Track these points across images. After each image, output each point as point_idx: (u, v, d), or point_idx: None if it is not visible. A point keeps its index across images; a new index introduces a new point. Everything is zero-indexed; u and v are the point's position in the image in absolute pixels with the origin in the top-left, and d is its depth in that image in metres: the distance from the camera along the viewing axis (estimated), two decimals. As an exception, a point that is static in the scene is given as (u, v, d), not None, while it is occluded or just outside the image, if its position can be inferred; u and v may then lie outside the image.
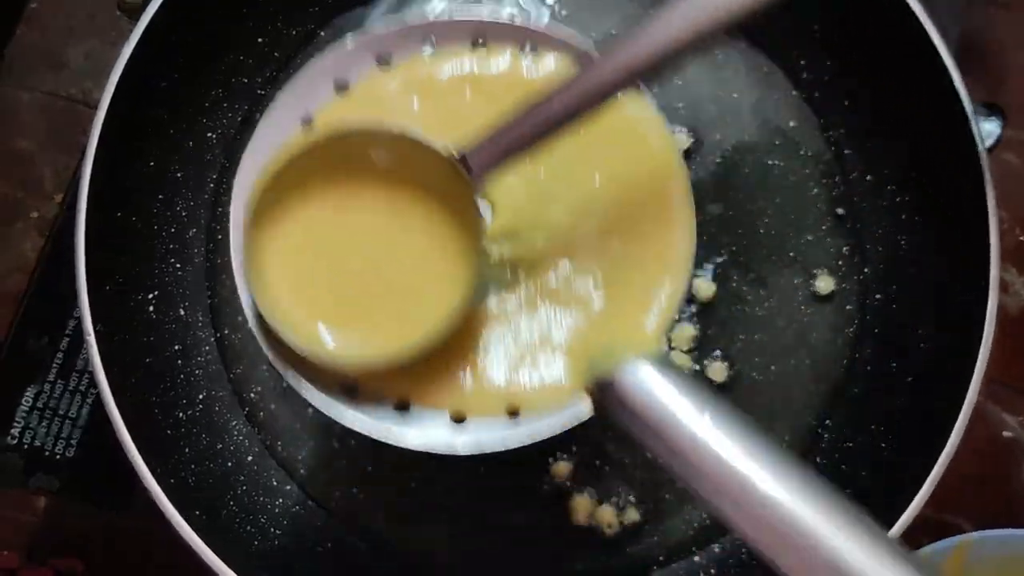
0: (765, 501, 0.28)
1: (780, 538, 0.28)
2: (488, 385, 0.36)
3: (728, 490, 0.29)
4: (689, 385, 0.32)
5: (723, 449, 0.29)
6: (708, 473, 0.29)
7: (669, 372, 0.32)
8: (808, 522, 0.28)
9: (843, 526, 0.27)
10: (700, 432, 0.30)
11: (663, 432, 0.31)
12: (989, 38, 0.62)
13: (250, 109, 0.54)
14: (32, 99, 0.62)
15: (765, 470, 0.29)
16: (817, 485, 0.29)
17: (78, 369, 0.53)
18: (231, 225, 0.39)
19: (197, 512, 0.44)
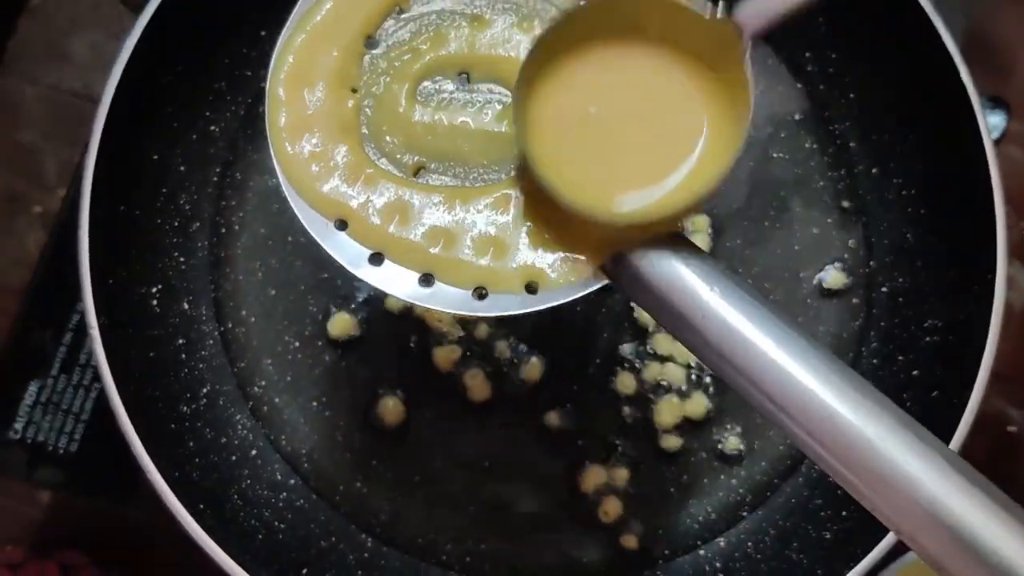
0: (770, 367, 0.30)
1: (785, 399, 0.30)
2: (510, 261, 0.36)
3: (734, 358, 0.31)
4: (701, 262, 0.32)
5: (730, 318, 0.31)
6: (714, 342, 0.31)
7: (682, 249, 0.33)
8: (809, 384, 0.30)
9: (841, 387, 0.30)
10: (710, 305, 0.31)
11: (673, 306, 0.32)
12: (995, 31, 0.62)
13: (253, 102, 0.54)
14: (35, 92, 0.62)
15: (770, 338, 0.30)
16: (817, 349, 0.31)
17: (81, 363, 0.53)
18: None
19: (201, 506, 0.44)
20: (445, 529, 0.51)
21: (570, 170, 0.34)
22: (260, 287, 0.53)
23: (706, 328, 0.31)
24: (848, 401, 0.29)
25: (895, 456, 0.28)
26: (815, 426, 0.29)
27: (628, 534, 0.51)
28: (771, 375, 0.30)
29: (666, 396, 0.52)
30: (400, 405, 0.52)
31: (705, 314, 0.31)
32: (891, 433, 0.29)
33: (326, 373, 0.52)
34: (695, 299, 0.32)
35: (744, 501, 0.52)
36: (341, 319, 0.52)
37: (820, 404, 0.29)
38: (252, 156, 0.54)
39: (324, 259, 0.52)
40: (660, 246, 0.33)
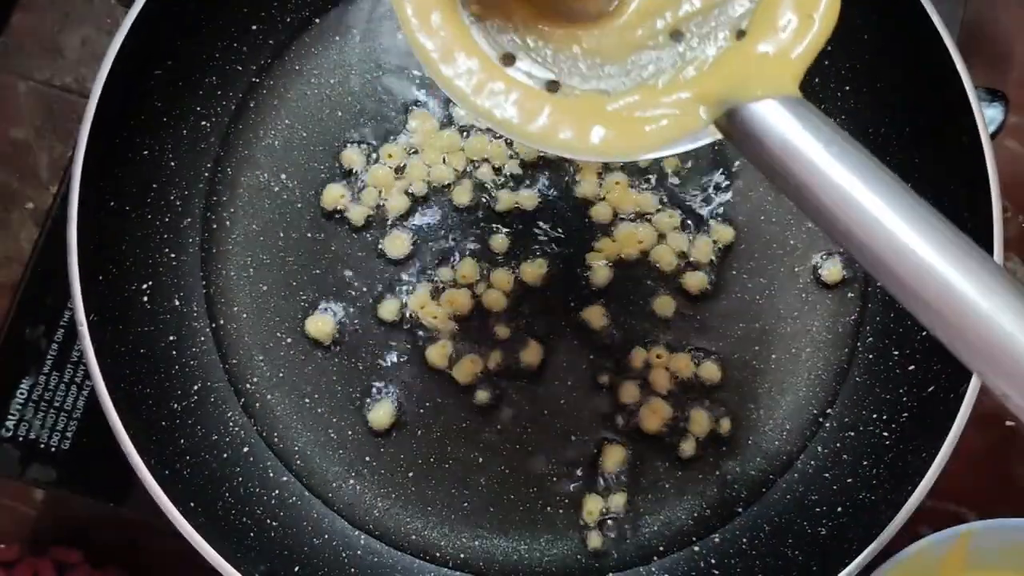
0: (880, 230, 0.29)
1: (897, 267, 0.29)
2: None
3: (849, 225, 0.30)
4: (816, 123, 0.31)
5: (845, 183, 0.30)
6: (830, 207, 0.30)
7: (800, 111, 0.32)
8: (923, 253, 0.28)
9: (957, 256, 0.28)
10: (823, 168, 0.30)
11: (786, 168, 0.31)
12: (992, 23, 0.61)
13: (244, 97, 0.54)
14: (28, 87, 0.62)
15: (884, 202, 0.29)
16: (932, 215, 0.30)
17: (73, 360, 0.53)
18: None
19: (192, 504, 0.44)
20: (439, 526, 0.51)
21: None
22: (252, 283, 0.52)
23: (823, 196, 0.30)
24: (984, 291, 0.28)
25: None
26: (944, 308, 0.28)
27: (623, 530, 0.51)
28: (893, 253, 0.29)
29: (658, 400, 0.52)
30: (393, 402, 0.51)
31: (822, 181, 0.30)
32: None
33: (319, 370, 0.52)
34: (810, 165, 0.30)
35: (739, 497, 0.51)
36: (320, 320, 0.52)
37: (948, 288, 0.28)
38: (243, 151, 0.53)
39: (316, 253, 0.52)
40: (776, 102, 0.32)
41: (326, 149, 0.53)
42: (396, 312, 0.52)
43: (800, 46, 0.34)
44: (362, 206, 0.53)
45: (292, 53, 0.54)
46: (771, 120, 0.31)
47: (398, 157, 0.53)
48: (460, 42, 0.34)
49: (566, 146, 0.34)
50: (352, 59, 0.54)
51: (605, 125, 0.34)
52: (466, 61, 0.34)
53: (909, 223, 0.29)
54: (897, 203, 0.29)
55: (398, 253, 0.52)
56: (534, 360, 0.52)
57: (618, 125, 0.34)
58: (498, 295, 0.52)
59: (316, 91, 0.54)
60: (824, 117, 0.31)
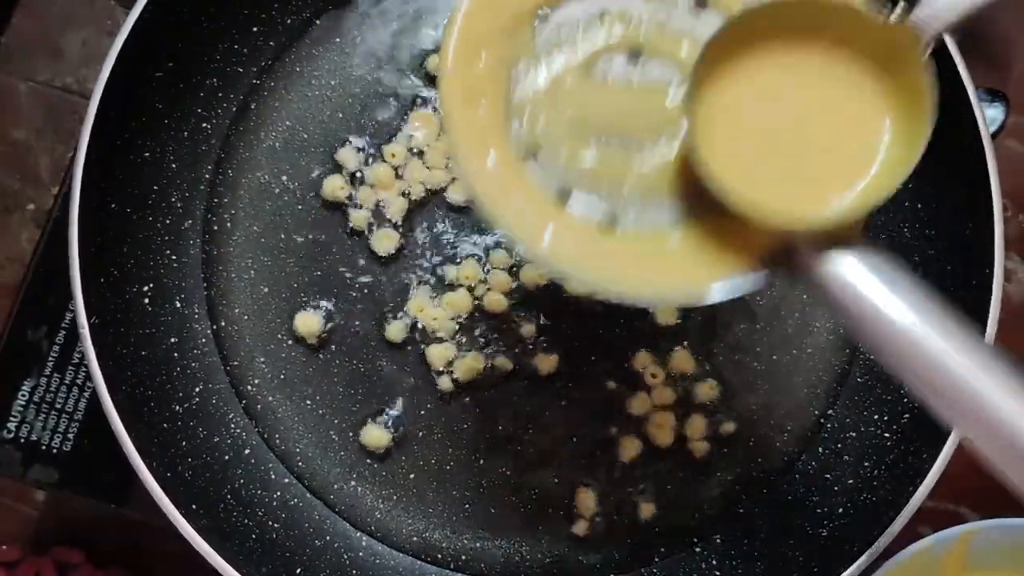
0: (960, 382, 0.30)
1: (982, 427, 0.30)
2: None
3: (940, 386, 0.30)
4: (890, 277, 0.32)
5: (932, 343, 0.31)
6: (920, 369, 0.31)
7: (864, 255, 0.32)
8: (1001, 405, 0.29)
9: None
10: (903, 326, 0.31)
11: (853, 313, 0.32)
12: (992, 23, 0.61)
13: (245, 99, 0.54)
14: (29, 88, 0.61)
15: (978, 368, 0.30)
16: (1006, 366, 0.30)
17: (74, 362, 0.53)
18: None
19: (194, 506, 0.44)
20: (440, 527, 0.51)
21: (744, 174, 0.34)
22: (253, 285, 0.52)
23: (896, 345, 0.31)
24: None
25: None
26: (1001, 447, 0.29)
27: (624, 531, 0.51)
28: (987, 427, 0.30)
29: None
30: (394, 403, 0.51)
31: (893, 335, 0.31)
32: None
33: (320, 372, 0.52)
34: (880, 316, 0.31)
35: (740, 498, 0.51)
36: (309, 319, 0.52)
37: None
38: (245, 153, 0.53)
39: (317, 256, 0.52)
40: (840, 247, 0.32)
41: (327, 151, 0.53)
42: (397, 314, 0.52)
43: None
44: (363, 210, 0.53)
45: (293, 55, 0.54)
46: (835, 266, 0.32)
47: (400, 157, 0.53)
48: (515, 183, 0.35)
49: (627, 295, 0.35)
50: (353, 60, 0.54)
51: (666, 271, 0.35)
52: (522, 204, 0.35)
53: (1000, 388, 0.30)
54: (983, 365, 0.30)
55: (385, 250, 0.52)
56: (535, 362, 0.52)
57: (679, 269, 0.35)
58: (498, 297, 0.52)
59: (317, 93, 0.54)
60: (890, 258, 0.32)
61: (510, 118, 0.35)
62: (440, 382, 0.51)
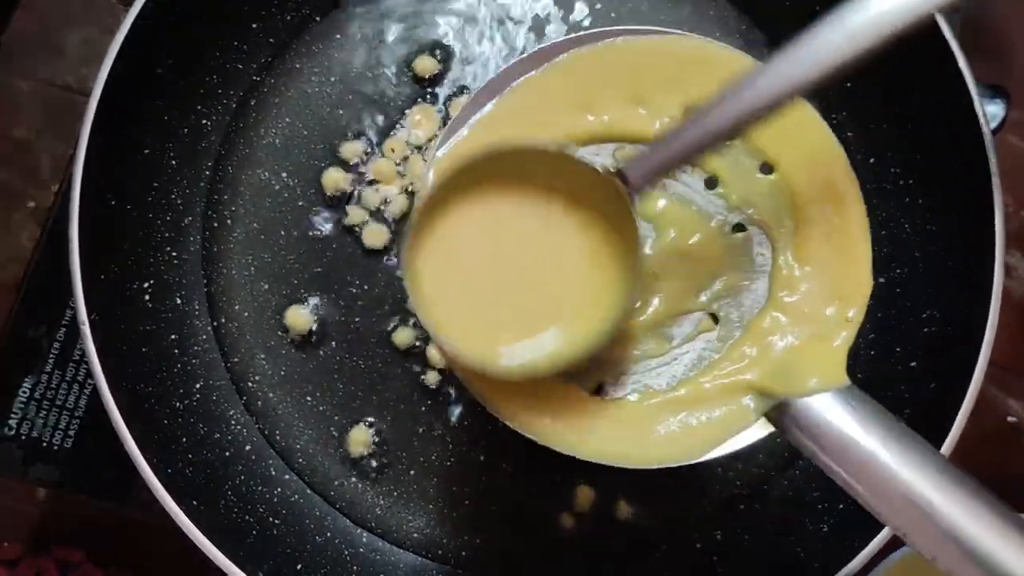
0: (957, 534, 0.29)
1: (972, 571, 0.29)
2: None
3: (922, 528, 0.30)
4: (873, 419, 0.32)
5: (913, 483, 0.30)
6: (899, 508, 0.30)
7: (852, 403, 0.32)
8: (1007, 561, 0.29)
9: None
10: (884, 466, 0.31)
11: (846, 464, 0.31)
12: (993, 19, 0.61)
13: (245, 96, 0.54)
14: (29, 87, 0.61)
15: (956, 504, 0.30)
16: (1007, 519, 0.30)
17: (75, 359, 0.53)
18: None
19: (195, 502, 0.44)
20: (441, 524, 0.51)
21: (456, 318, 0.34)
22: (253, 281, 0.52)
23: (885, 495, 0.31)
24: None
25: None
26: None
27: (625, 527, 0.51)
28: (965, 554, 0.29)
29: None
30: (394, 399, 0.51)
31: (884, 481, 0.31)
32: None
33: (320, 368, 0.52)
34: (871, 463, 0.31)
35: (741, 494, 0.51)
36: (298, 313, 0.52)
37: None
38: (245, 150, 0.53)
39: (318, 253, 0.52)
40: (829, 395, 0.32)
41: (327, 147, 0.53)
42: (397, 309, 0.52)
43: (842, 333, 0.35)
44: (360, 207, 0.53)
45: (293, 52, 0.54)
46: (827, 414, 0.32)
47: (400, 152, 0.53)
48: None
49: (616, 462, 0.36)
50: (353, 57, 0.54)
51: (653, 440, 0.36)
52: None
53: (982, 526, 0.29)
54: (967, 502, 0.30)
55: (372, 244, 0.52)
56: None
57: (671, 441, 0.36)
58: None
59: (317, 90, 0.54)
60: (879, 407, 0.32)
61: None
62: (441, 377, 0.52)
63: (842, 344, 0.35)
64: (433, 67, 0.54)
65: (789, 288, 0.36)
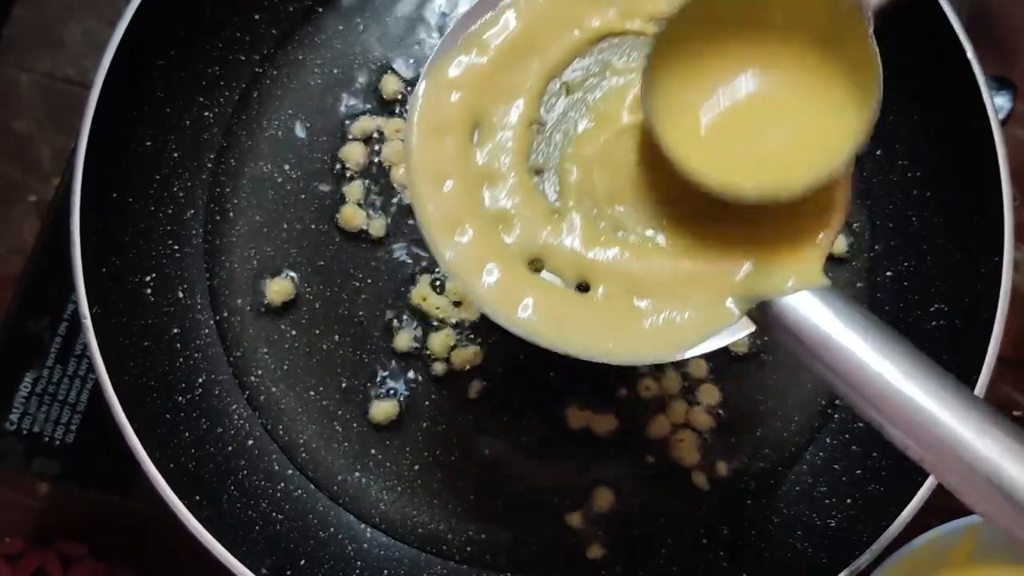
0: (927, 421, 0.30)
1: (940, 455, 0.30)
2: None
3: (894, 415, 0.31)
4: (850, 313, 0.32)
5: (886, 374, 0.31)
6: (873, 397, 0.31)
7: (831, 301, 0.33)
8: (970, 442, 0.29)
9: (1004, 448, 0.29)
10: (863, 360, 0.31)
11: (825, 359, 0.32)
12: (1000, 12, 0.61)
13: (247, 87, 0.53)
14: (30, 79, 0.61)
15: (929, 395, 0.30)
16: (976, 404, 0.30)
17: (77, 354, 0.53)
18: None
19: (197, 497, 0.44)
20: (445, 518, 0.51)
21: (700, 149, 0.34)
22: (256, 275, 0.52)
23: (863, 387, 0.31)
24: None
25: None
26: (980, 494, 0.30)
27: (631, 522, 0.51)
28: (934, 439, 0.30)
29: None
30: (397, 394, 0.51)
31: (863, 374, 0.31)
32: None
33: (323, 362, 0.52)
34: (848, 356, 0.31)
35: (748, 489, 0.51)
36: (279, 284, 0.52)
37: (989, 473, 0.29)
38: (247, 142, 0.53)
39: (321, 245, 0.52)
40: (808, 293, 0.33)
41: (330, 139, 0.53)
42: (399, 303, 0.52)
43: (820, 234, 0.35)
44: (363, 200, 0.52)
45: (295, 43, 0.54)
46: (804, 312, 0.33)
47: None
48: (489, 255, 0.36)
49: (604, 357, 0.35)
50: (355, 48, 0.54)
51: (639, 336, 0.35)
52: (493, 270, 0.36)
53: (949, 411, 0.30)
54: (937, 391, 0.30)
55: (380, 235, 0.52)
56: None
57: (652, 333, 0.35)
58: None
59: (319, 81, 0.54)
60: (856, 305, 0.32)
61: (479, 192, 0.36)
62: (443, 371, 0.51)
63: (820, 246, 0.35)
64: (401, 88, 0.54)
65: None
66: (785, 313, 0.33)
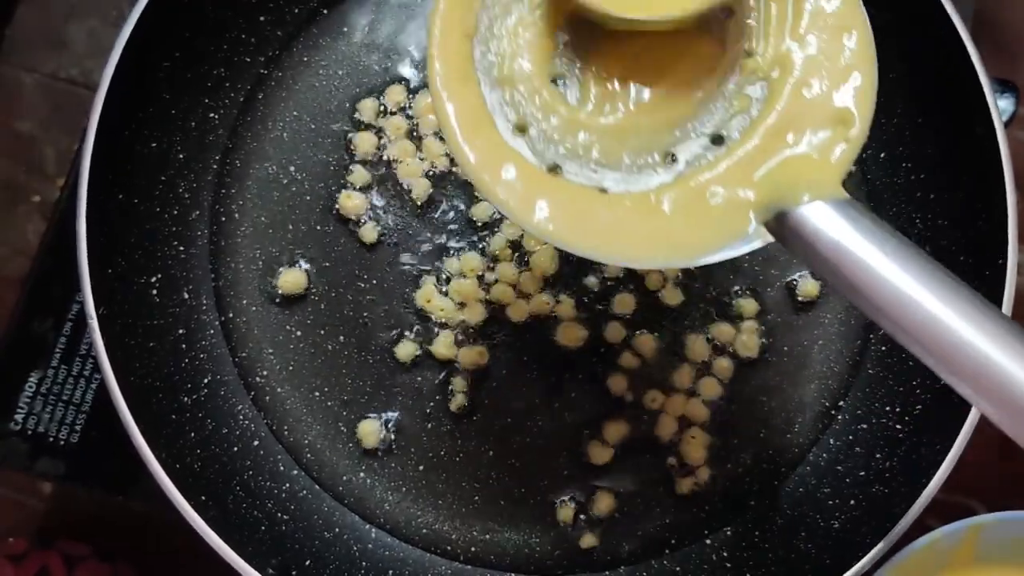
0: (939, 325, 0.30)
1: (960, 366, 0.29)
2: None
3: (910, 326, 0.30)
4: (867, 224, 0.32)
5: (902, 284, 0.30)
6: (889, 309, 0.30)
7: (848, 213, 0.32)
8: (985, 350, 0.29)
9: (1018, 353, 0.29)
10: (878, 270, 0.31)
11: (842, 270, 0.31)
12: (1002, 14, 0.61)
13: (252, 88, 0.53)
14: (33, 80, 0.61)
15: (942, 300, 0.30)
16: (990, 312, 0.30)
17: (82, 354, 0.53)
18: None
19: (203, 498, 0.44)
20: (450, 519, 0.51)
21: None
22: (261, 276, 0.52)
23: (880, 299, 0.31)
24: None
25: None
26: (996, 397, 0.29)
27: (635, 523, 0.51)
28: (948, 345, 0.29)
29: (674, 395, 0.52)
30: (402, 394, 0.51)
31: (878, 285, 0.31)
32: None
33: (328, 363, 0.52)
34: (865, 267, 0.31)
35: (751, 490, 0.51)
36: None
37: (1001, 375, 0.29)
38: (252, 143, 0.53)
39: (326, 246, 0.52)
40: (825, 204, 0.32)
41: (335, 141, 0.53)
42: (404, 305, 0.52)
43: (840, 147, 0.34)
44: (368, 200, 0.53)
45: (300, 44, 0.54)
46: (821, 223, 0.32)
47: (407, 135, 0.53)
48: (508, 158, 0.35)
49: (622, 260, 0.35)
50: (361, 50, 0.54)
51: (658, 237, 0.35)
52: (515, 179, 0.35)
53: (966, 320, 0.29)
54: (953, 300, 0.30)
55: (370, 239, 0.53)
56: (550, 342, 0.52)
57: (670, 235, 0.35)
58: (505, 287, 0.52)
59: (325, 83, 0.54)
60: (874, 216, 0.32)
61: (498, 96, 0.36)
62: (448, 373, 0.51)
63: (840, 159, 0.34)
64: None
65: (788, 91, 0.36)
66: (802, 224, 0.32)
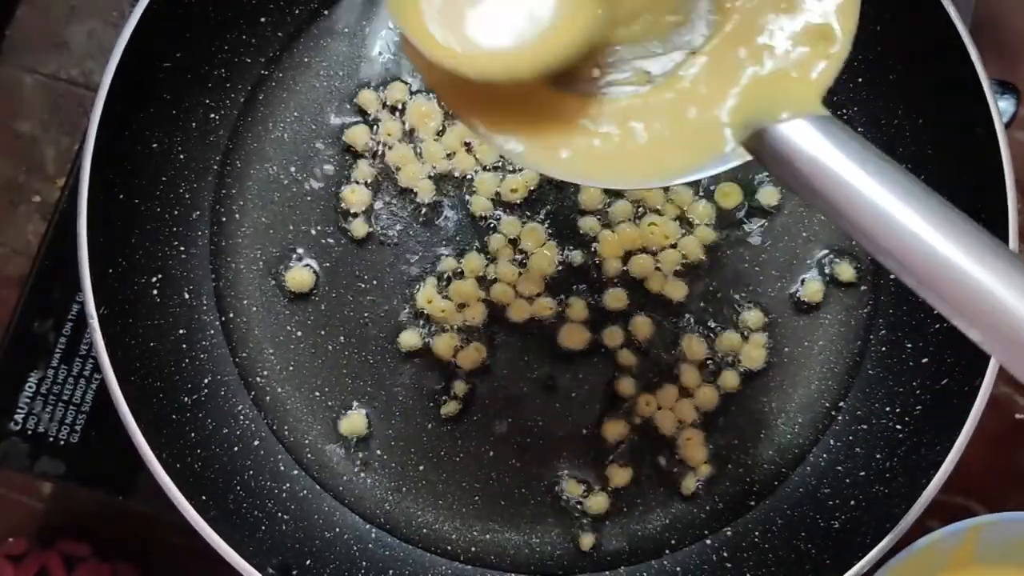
0: (917, 243, 0.29)
1: (944, 285, 0.29)
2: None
3: (887, 241, 0.30)
4: (846, 140, 0.31)
5: (880, 200, 0.30)
6: (865, 223, 0.30)
7: (828, 130, 0.31)
8: (962, 263, 0.29)
9: (992, 263, 0.28)
10: (856, 186, 0.30)
11: (821, 188, 0.31)
12: (1004, 15, 0.61)
13: (253, 89, 0.53)
14: (34, 81, 0.61)
15: (921, 216, 0.29)
16: (970, 226, 0.29)
17: (82, 354, 0.53)
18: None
19: (203, 497, 0.44)
20: (450, 519, 0.51)
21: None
22: (261, 276, 0.52)
23: (859, 215, 0.30)
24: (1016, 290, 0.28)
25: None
26: (978, 312, 0.29)
27: (635, 523, 0.51)
28: (925, 260, 0.29)
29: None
30: (402, 395, 0.51)
31: (857, 200, 0.30)
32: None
33: (329, 363, 0.52)
34: (843, 183, 0.30)
35: (751, 491, 0.51)
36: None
37: (985, 293, 0.28)
38: (253, 144, 0.53)
39: (326, 248, 0.52)
40: (804, 121, 0.31)
41: (335, 142, 0.53)
42: (404, 305, 0.52)
43: (821, 64, 0.34)
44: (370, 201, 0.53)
45: (301, 45, 0.54)
46: (799, 140, 0.31)
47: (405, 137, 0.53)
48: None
49: (598, 180, 0.34)
50: (361, 51, 0.54)
51: (633, 156, 0.34)
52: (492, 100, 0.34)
53: (945, 234, 0.29)
54: (932, 215, 0.29)
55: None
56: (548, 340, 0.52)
57: (644, 152, 0.34)
58: (505, 288, 0.52)
59: (325, 83, 0.54)
60: (852, 133, 0.31)
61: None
62: (448, 373, 0.51)
63: (821, 76, 0.33)
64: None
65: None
66: (781, 141, 0.32)
